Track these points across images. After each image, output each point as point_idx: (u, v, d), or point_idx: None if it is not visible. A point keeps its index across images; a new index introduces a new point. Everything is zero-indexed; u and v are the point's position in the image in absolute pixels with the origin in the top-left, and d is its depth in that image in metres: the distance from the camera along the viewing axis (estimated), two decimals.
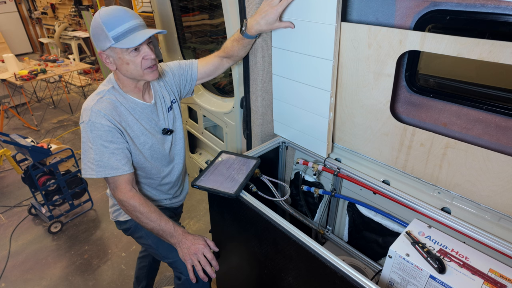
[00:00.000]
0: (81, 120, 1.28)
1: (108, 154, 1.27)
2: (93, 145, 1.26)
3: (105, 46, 1.22)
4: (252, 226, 1.32)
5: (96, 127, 1.25)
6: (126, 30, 1.20)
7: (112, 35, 1.19)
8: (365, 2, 1.20)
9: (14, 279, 2.41)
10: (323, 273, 1.03)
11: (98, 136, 1.26)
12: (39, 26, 8.41)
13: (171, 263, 1.58)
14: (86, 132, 1.27)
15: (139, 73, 1.28)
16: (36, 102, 5.62)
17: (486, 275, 0.97)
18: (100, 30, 1.19)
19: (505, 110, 1.01)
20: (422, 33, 1.04)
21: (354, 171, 1.42)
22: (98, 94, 1.32)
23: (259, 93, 1.59)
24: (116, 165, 1.28)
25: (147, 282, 2.04)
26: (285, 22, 1.33)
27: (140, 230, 1.55)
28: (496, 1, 0.92)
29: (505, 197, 1.05)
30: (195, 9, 2.57)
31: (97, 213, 3.07)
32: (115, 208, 1.57)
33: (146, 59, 1.26)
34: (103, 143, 1.26)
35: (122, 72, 1.29)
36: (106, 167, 1.27)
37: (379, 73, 1.20)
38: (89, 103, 1.29)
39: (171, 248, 1.48)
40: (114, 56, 1.25)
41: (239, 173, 1.35)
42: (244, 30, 1.37)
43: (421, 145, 1.20)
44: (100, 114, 1.25)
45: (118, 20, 1.19)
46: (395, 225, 1.40)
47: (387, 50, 1.14)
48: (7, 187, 3.48)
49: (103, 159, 1.27)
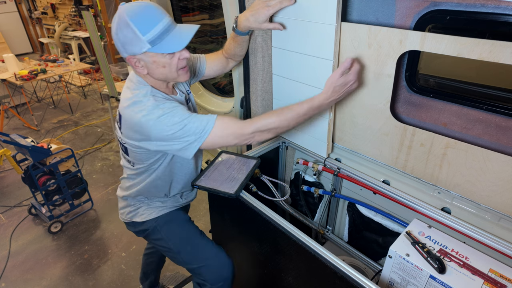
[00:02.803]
0: (149, 124, 1.12)
1: (195, 117, 1.16)
2: (181, 119, 1.13)
3: (138, 51, 1.09)
4: (252, 226, 1.32)
5: (166, 107, 1.14)
6: (161, 31, 1.07)
7: (148, 39, 1.06)
8: (365, 2, 1.20)
9: (14, 279, 2.41)
10: (323, 273, 1.03)
11: (174, 113, 1.14)
12: (39, 26, 8.41)
13: (194, 269, 1.46)
14: (168, 119, 1.12)
15: (173, 75, 1.19)
16: (36, 102, 5.61)
17: (486, 275, 0.97)
18: (131, 33, 1.06)
19: (505, 110, 1.01)
20: (422, 33, 1.04)
21: (354, 171, 1.42)
22: (140, 97, 1.17)
23: (259, 93, 1.59)
24: (207, 117, 1.17)
25: (155, 276, 2.02)
26: (274, 24, 1.30)
27: (159, 231, 1.44)
28: (496, 1, 0.92)
29: (505, 197, 1.05)
30: (195, 9, 2.57)
31: (97, 213, 3.07)
32: (130, 209, 1.45)
33: (181, 59, 1.17)
34: (181, 115, 1.15)
35: (155, 76, 1.19)
36: (204, 126, 1.15)
37: (379, 73, 1.20)
38: (142, 109, 1.14)
39: (196, 252, 1.42)
40: (147, 60, 1.12)
41: (239, 173, 1.35)
42: (235, 27, 1.35)
43: (421, 145, 1.20)
44: (158, 104, 1.15)
45: (151, 20, 1.06)
46: (395, 225, 1.40)
47: (387, 50, 1.14)
48: (7, 187, 3.48)
49: (197, 122, 1.15)
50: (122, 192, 1.48)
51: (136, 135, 1.19)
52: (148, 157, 1.28)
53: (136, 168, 1.35)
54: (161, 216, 1.45)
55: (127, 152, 1.32)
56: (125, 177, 1.45)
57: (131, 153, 1.30)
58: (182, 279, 2.27)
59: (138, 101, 1.16)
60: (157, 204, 1.45)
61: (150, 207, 1.44)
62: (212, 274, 1.42)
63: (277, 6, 1.27)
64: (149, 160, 1.29)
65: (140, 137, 1.19)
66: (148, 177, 1.36)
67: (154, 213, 1.44)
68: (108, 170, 3.71)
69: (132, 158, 1.32)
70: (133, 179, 1.40)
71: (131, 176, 1.40)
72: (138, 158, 1.30)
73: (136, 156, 1.29)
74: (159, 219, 1.44)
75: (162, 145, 1.18)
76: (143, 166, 1.32)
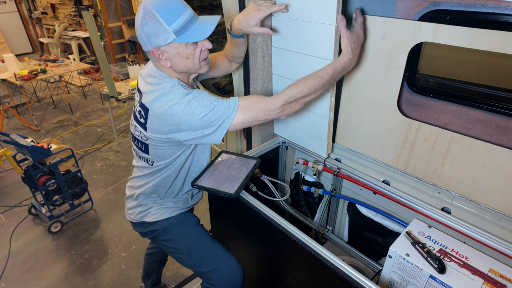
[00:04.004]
0: (179, 112, 1.13)
1: (221, 99, 1.18)
2: (210, 102, 1.15)
3: (163, 42, 1.11)
4: (252, 226, 1.32)
5: (195, 92, 1.16)
6: (186, 21, 1.10)
7: (173, 29, 1.09)
8: (365, 2, 1.20)
9: (14, 279, 2.41)
10: (323, 273, 1.03)
11: (203, 96, 1.15)
12: (39, 26, 8.41)
13: (203, 273, 1.44)
14: (198, 102, 1.13)
15: (196, 66, 1.21)
16: (36, 102, 5.61)
17: (486, 275, 0.97)
18: (157, 24, 1.08)
19: (505, 110, 1.01)
20: (435, 25, 1.04)
21: (354, 171, 1.42)
22: (168, 88, 1.18)
23: (259, 93, 1.59)
24: (233, 99, 1.18)
25: (157, 275, 2.02)
26: (264, 28, 1.29)
27: (170, 232, 1.42)
28: (496, 1, 0.92)
29: (507, 194, 1.05)
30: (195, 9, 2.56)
31: (97, 213, 3.07)
32: (141, 209, 1.43)
33: (204, 50, 1.19)
34: (210, 98, 1.16)
35: (178, 68, 1.20)
36: (233, 106, 1.16)
37: (390, 65, 1.20)
38: (172, 98, 1.15)
39: (207, 255, 1.41)
40: (171, 52, 1.14)
41: (239, 173, 1.35)
42: (230, 29, 1.36)
43: (425, 141, 1.19)
44: (187, 91, 1.16)
45: (176, 11, 1.09)
46: (395, 225, 1.40)
47: (399, 41, 1.14)
48: (7, 187, 3.48)
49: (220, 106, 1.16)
50: (133, 191, 1.45)
51: (165, 127, 1.18)
52: (171, 152, 1.27)
53: (155, 166, 1.33)
54: (173, 217, 1.44)
55: (147, 150, 1.30)
56: (137, 176, 1.43)
57: (154, 150, 1.28)
58: (182, 279, 2.27)
59: (167, 92, 1.17)
60: (169, 204, 1.44)
61: (162, 207, 1.43)
62: (222, 279, 1.41)
63: (268, 10, 1.27)
64: (172, 156, 1.29)
65: (169, 129, 1.18)
66: (164, 173, 1.35)
67: (166, 213, 1.43)
68: (108, 170, 3.71)
69: (152, 155, 1.30)
70: (148, 177, 1.38)
71: (146, 175, 1.38)
72: (161, 155, 1.29)
73: (158, 152, 1.28)
74: (171, 220, 1.43)
75: (192, 135, 1.18)
76: (163, 163, 1.31)
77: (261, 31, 1.30)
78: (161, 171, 1.34)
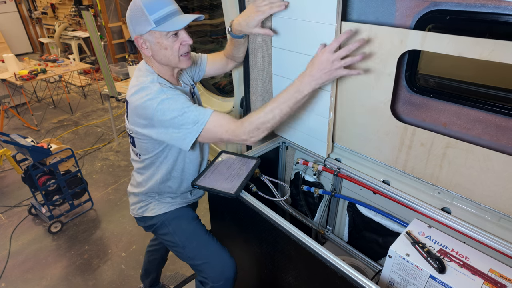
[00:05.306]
0: (152, 106, 1.18)
1: (194, 107, 1.22)
2: (181, 106, 1.19)
3: (144, 29, 1.19)
4: (252, 226, 1.32)
5: (170, 93, 1.20)
6: (167, 14, 1.18)
7: (154, 19, 1.17)
8: (365, 2, 1.20)
9: (14, 279, 2.41)
10: (323, 273, 1.03)
11: (176, 99, 1.20)
12: (39, 26, 8.41)
13: (196, 266, 1.49)
14: (170, 103, 1.18)
15: (175, 59, 1.26)
16: (36, 102, 5.61)
17: (486, 275, 0.97)
18: (141, 13, 1.17)
19: (505, 110, 1.01)
20: (423, 33, 1.04)
21: (354, 171, 1.42)
22: (147, 83, 1.23)
23: (259, 93, 1.59)
24: (206, 110, 1.21)
25: (156, 274, 2.05)
26: (265, 29, 1.33)
27: (167, 226, 1.48)
28: (496, 1, 0.92)
29: (505, 197, 1.05)
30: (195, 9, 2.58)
31: (97, 213, 3.07)
32: (141, 205, 1.50)
33: (183, 44, 1.25)
34: (183, 103, 1.20)
35: (158, 58, 1.26)
36: (202, 117, 1.19)
37: (380, 72, 1.20)
38: (148, 93, 1.20)
39: (201, 248, 1.45)
40: (152, 40, 1.22)
41: (239, 173, 1.35)
42: (230, 30, 1.39)
43: (421, 145, 1.20)
44: (163, 89, 1.21)
45: (159, 3, 1.18)
46: (395, 225, 1.40)
47: (388, 49, 1.14)
48: (7, 187, 3.48)
49: (195, 111, 1.20)
50: (134, 189, 1.52)
51: (141, 120, 1.24)
52: (153, 147, 1.32)
53: (143, 160, 1.39)
54: (171, 212, 1.49)
55: (134, 143, 1.38)
56: (135, 172, 1.51)
57: (138, 143, 1.35)
58: (182, 279, 2.27)
59: (145, 87, 1.23)
60: (167, 199, 1.49)
61: (161, 202, 1.49)
62: (214, 272, 1.44)
63: (267, 12, 1.29)
64: (154, 151, 1.34)
65: (144, 123, 1.24)
66: (156, 172, 1.40)
67: (164, 208, 1.48)
68: (108, 170, 3.71)
69: (138, 148, 1.38)
70: (143, 174, 1.44)
71: (140, 170, 1.45)
72: (144, 148, 1.35)
73: (142, 145, 1.34)
74: (168, 214, 1.49)
75: (163, 133, 1.23)
76: (148, 158, 1.37)
77: (262, 32, 1.33)
78: (150, 167, 1.40)
